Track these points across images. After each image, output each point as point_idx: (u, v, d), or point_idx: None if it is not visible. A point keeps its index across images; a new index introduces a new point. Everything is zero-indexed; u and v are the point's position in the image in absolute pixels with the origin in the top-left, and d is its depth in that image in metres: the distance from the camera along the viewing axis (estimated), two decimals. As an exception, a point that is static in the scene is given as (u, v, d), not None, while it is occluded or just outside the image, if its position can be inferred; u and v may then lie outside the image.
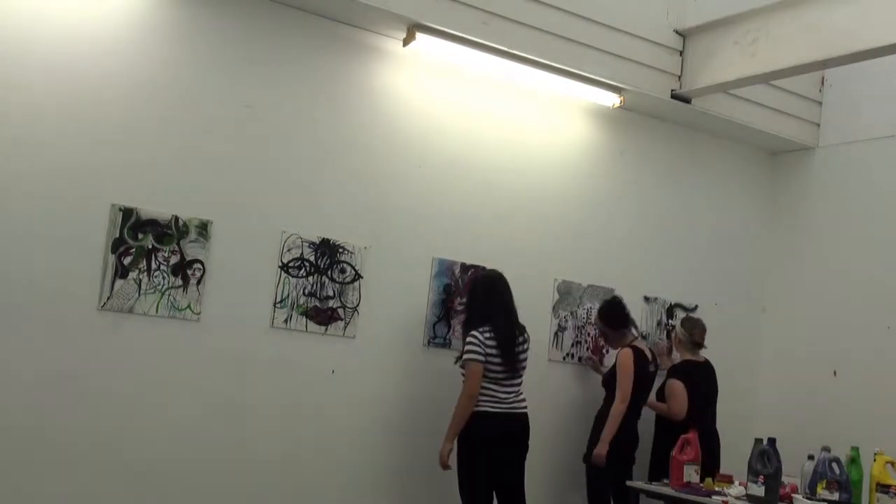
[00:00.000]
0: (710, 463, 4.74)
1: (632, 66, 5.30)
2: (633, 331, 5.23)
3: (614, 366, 5.12)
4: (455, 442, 4.55)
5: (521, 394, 4.62)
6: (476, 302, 4.67)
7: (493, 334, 4.52)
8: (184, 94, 4.34)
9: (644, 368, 5.06)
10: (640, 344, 5.19)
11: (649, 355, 5.16)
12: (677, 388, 5.19)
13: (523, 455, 4.63)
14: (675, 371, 5.35)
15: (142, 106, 4.23)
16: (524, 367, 4.65)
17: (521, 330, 4.69)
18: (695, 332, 5.41)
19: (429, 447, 4.77)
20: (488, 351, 4.50)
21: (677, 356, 5.49)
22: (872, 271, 5.68)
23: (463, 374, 4.57)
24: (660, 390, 5.36)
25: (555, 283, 5.40)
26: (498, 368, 4.53)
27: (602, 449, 4.88)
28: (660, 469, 4.92)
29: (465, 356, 4.52)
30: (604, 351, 5.53)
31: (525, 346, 4.68)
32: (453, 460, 4.58)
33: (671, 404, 5.19)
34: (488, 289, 4.68)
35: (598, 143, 5.63)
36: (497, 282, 4.70)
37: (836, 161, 6.03)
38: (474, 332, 4.52)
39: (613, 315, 5.22)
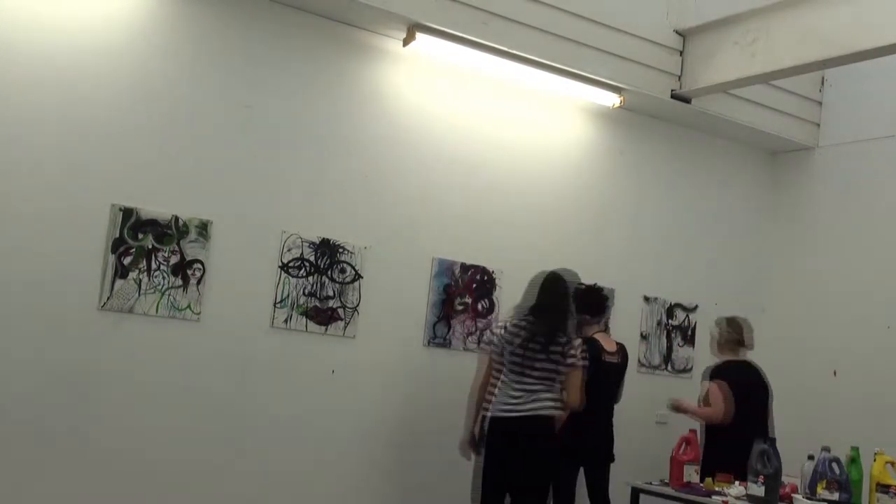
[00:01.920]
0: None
1: (632, 66, 5.30)
2: (603, 324, 5.02)
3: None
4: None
5: (534, 394, 4.28)
6: (525, 293, 4.48)
7: (508, 325, 4.35)
8: (184, 95, 4.34)
9: (598, 360, 4.83)
10: (601, 336, 4.97)
11: (609, 347, 4.96)
12: (714, 389, 4.84)
13: (530, 461, 4.28)
14: (714, 372, 4.98)
15: (142, 106, 4.23)
16: (540, 370, 4.30)
17: (559, 338, 4.34)
18: (743, 331, 5.05)
19: (429, 446, 4.77)
20: (502, 338, 4.32)
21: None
22: (872, 271, 5.68)
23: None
24: (705, 399, 4.98)
25: (555, 283, 5.40)
26: (509, 358, 4.31)
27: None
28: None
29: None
30: None
31: (557, 350, 4.32)
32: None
33: (711, 408, 4.83)
34: (535, 283, 4.46)
35: (598, 143, 5.63)
36: (550, 279, 4.46)
37: (836, 161, 6.03)
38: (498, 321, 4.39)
39: (584, 302, 4.91)
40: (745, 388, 4.87)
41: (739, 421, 4.75)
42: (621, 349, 5.08)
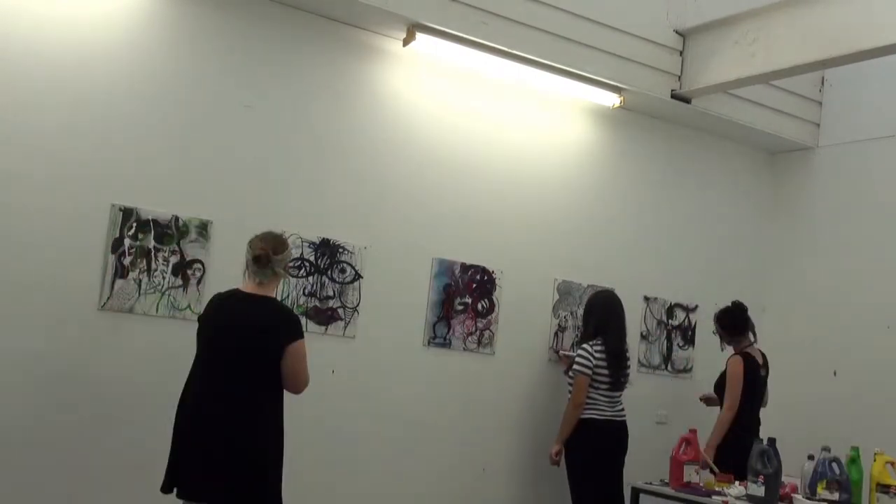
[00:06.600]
0: None
1: (632, 66, 5.30)
2: (751, 336, 5.25)
3: (724, 372, 5.17)
4: (563, 445, 4.96)
5: (622, 404, 5.02)
6: (593, 317, 5.08)
7: (603, 348, 4.92)
8: (184, 94, 4.34)
9: (755, 375, 5.12)
10: (753, 350, 5.21)
11: (761, 360, 5.21)
12: None
13: (622, 456, 5.00)
14: None
15: (142, 106, 4.23)
16: (626, 382, 5.07)
17: (627, 349, 5.12)
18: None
19: (427, 447, 4.76)
20: (597, 363, 4.90)
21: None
22: (872, 271, 5.68)
23: (570, 384, 4.96)
24: None
25: (555, 283, 5.40)
26: (605, 379, 4.92)
27: (709, 455, 4.72)
28: None
29: (575, 367, 4.92)
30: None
31: (629, 364, 5.11)
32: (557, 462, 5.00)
33: None
34: (604, 307, 5.10)
35: (598, 143, 5.63)
36: (612, 301, 5.14)
37: (836, 161, 6.03)
38: (585, 346, 4.95)
39: (732, 321, 5.26)
40: None
41: None
42: (765, 360, 5.30)
